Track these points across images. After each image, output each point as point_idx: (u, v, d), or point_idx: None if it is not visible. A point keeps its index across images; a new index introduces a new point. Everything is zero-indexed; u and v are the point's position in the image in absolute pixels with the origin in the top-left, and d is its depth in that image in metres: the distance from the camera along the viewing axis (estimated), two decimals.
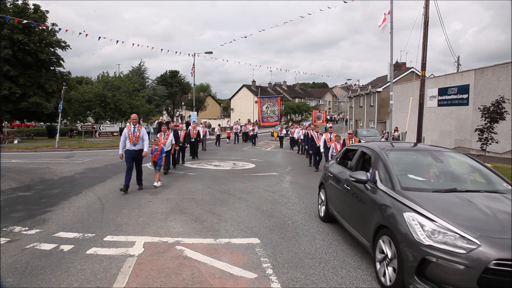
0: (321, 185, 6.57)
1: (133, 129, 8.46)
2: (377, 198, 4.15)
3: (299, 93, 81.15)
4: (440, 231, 3.28)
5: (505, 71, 17.28)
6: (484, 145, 14.54)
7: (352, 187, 4.87)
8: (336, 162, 6.31)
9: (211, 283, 3.82)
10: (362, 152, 5.34)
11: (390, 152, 4.81)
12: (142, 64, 48.35)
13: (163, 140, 10.83)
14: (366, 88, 40.52)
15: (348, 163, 5.76)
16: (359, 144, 6.19)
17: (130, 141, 8.40)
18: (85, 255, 4.51)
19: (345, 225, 5.09)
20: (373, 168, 4.67)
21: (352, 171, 5.13)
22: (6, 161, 14.14)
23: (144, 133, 8.58)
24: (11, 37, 26.01)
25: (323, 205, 6.29)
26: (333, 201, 5.75)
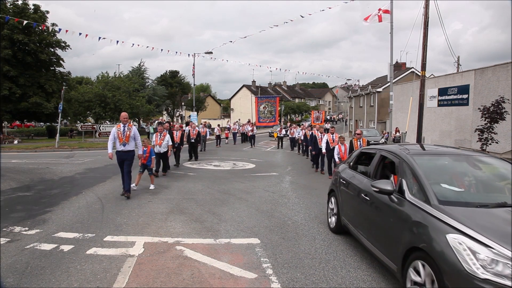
0: (332, 192, 5.92)
1: (122, 128, 7.77)
2: (407, 213, 3.50)
3: (299, 93, 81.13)
4: (500, 261, 2.58)
5: (505, 71, 17.27)
6: (484, 145, 14.54)
7: (373, 197, 4.22)
8: (349, 167, 5.62)
9: (211, 283, 3.82)
10: (382, 156, 4.67)
11: (417, 157, 4.09)
12: (142, 64, 48.42)
13: (158, 141, 10.58)
14: (366, 88, 40.52)
15: (364, 169, 5.16)
16: (377, 147, 5.32)
17: (119, 141, 7.70)
18: (85, 255, 4.51)
19: (363, 241, 4.42)
20: (398, 175, 4.04)
21: (371, 178, 4.53)
22: (6, 161, 14.14)
23: (135, 133, 7.89)
24: (11, 37, 26.03)
25: (334, 215, 5.63)
26: (347, 212, 5.11)
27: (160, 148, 10.58)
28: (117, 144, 7.72)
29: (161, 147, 10.59)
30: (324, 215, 6.70)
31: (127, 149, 7.76)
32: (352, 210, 4.96)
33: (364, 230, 4.46)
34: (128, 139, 7.74)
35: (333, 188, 5.87)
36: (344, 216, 5.19)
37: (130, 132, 7.77)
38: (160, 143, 10.59)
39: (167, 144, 10.72)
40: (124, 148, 7.73)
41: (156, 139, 10.73)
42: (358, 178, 4.97)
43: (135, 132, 7.89)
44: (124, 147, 7.74)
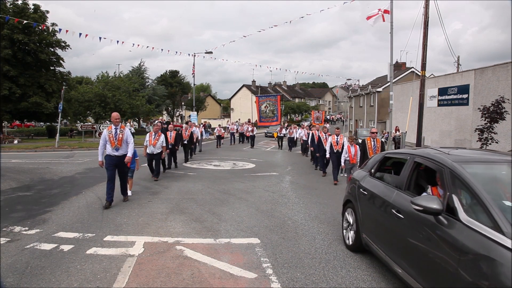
0: (348, 203, 5.23)
1: (114, 130, 7.00)
2: (464, 241, 2.68)
3: (299, 93, 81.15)
4: None
5: (505, 71, 17.28)
6: (484, 145, 14.53)
7: (409, 216, 3.42)
8: (370, 175, 4.86)
9: (211, 283, 3.82)
10: (415, 163, 3.89)
11: (467, 165, 3.22)
12: (142, 64, 48.45)
13: (153, 141, 10.01)
14: (366, 88, 40.54)
15: (391, 178, 4.45)
16: (407, 151, 4.38)
17: (111, 145, 6.95)
18: (85, 255, 4.52)
19: (394, 267, 3.60)
20: (444, 189, 3.21)
21: (403, 190, 3.79)
22: (6, 161, 14.13)
23: (128, 135, 7.17)
24: (11, 37, 26.02)
25: (351, 230, 4.90)
26: (369, 229, 4.36)
27: (154, 149, 9.96)
28: (108, 148, 6.97)
29: (155, 148, 9.99)
30: (324, 215, 6.71)
31: (120, 153, 7.02)
32: (377, 228, 4.15)
33: (395, 253, 3.64)
34: (120, 143, 7.00)
35: (350, 199, 5.11)
36: (366, 233, 4.41)
37: (123, 135, 7.05)
38: (155, 143, 9.98)
39: (161, 145, 10.08)
40: (116, 153, 6.98)
41: (150, 139, 10.07)
42: (385, 190, 4.17)
43: (128, 134, 7.19)
44: (116, 151, 6.98)
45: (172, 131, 12.26)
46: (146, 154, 10.01)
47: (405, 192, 3.77)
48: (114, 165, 7.02)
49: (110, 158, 7.00)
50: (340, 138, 10.49)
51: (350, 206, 5.12)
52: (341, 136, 10.61)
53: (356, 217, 4.76)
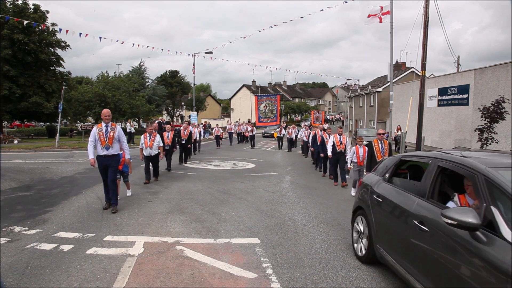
0: (359, 210, 4.81)
1: (105, 128, 6.54)
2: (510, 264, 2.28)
3: (299, 93, 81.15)
4: None
5: (505, 71, 17.27)
6: (484, 145, 14.53)
7: (436, 228, 3.01)
8: (384, 180, 4.44)
9: (211, 283, 3.82)
10: (440, 167, 3.45)
11: (505, 172, 2.82)
12: (142, 64, 48.45)
13: (148, 142, 9.53)
14: (366, 88, 40.54)
15: (410, 184, 4.01)
16: (429, 154, 3.98)
17: (101, 144, 6.49)
18: (85, 255, 4.52)
19: (416, 285, 3.20)
20: (480, 199, 2.82)
21: (426, 199, 3.37)
22: (6, 161, 14.14)
23: (120, 134, 6.73)
24: (11, 37, 26.02)
25: (363, 239, 4.50)
26: (385, 240, 3.95)
27: (151, 150, 9.51)
28: (98, 148, 6.54)
29: (152, 149, 9.52)
30: (324, 215, 6.71)
31: (111, 153, 6.60)
32: (395, 240, 3.74)
33: (418, 272, 3.21)
34: (111, 142, 6.55)
35: (362, 206, 4.72)
36: (381, 244, 4.00)
37: (114, 133, 6.59)
38: (151, 144, 9.50)
39: (158, 145, 9.66)
40: (107, 152, 6.55)
41: (145, 141, 9.55)
42: (404, 197, 3.76)
43: (119, 132, 6.75)
44: (107, 151, 6.54)
45: (170, 131, 11.81)
46: (143, 157, 9.59)
47: (428, 201, 3.35)
48: (105, 167, 6.61)
49: (101, 158, 6.55)
50: (343, 138, 10.03)
51: (361, 213, 4.69)
52: (344, 136, 10.11)
53: (369, 226, 4.34)
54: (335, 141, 10.09)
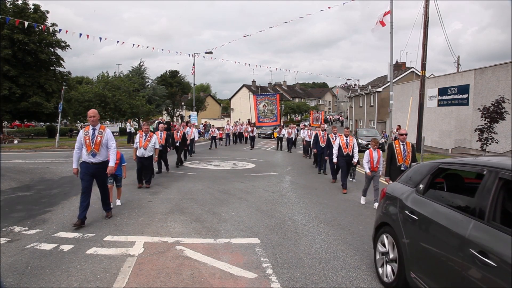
0: (383, 226, 4.07)
1: (91, 131, 5.76)
2: None
3: (299, 93, 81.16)
4: None
5: (505, 71, 17.28)
6: (484, 145, 14.55)
7: (506, 263, 2.31)
8: (417, 191, 3.72)
9: (211, 283, 3.82)
10: (502, 180, 2.69)
11: None
12: (142, 64, 48.42)
13: (143, 142, 8.83)
14: (366, 88, 40.56)
15: (456, 199, 3.26)
16: (480, 162, 3.20)
17: (87, 149, 5.71)
18: (85, 255, 4.52)
19: None
20: None
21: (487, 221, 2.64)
22: (6, 161, 14.13)
23: (109, 138, 5.91)
24: (11, 37, 26.02)
25: (391, 264, 3.80)
26: (424, 268, 3.20)
27: (144, 151, 8.83)
28: (84, 154, 5.76)
29: (146, 150, 8.85)
30: (324, 215, 6.71)
31: (98, 160, 5.78)
32: (441, 270, 2.95)
33: None
34: (98, 147, 5.75)
35: (388, 222, 3.97)
36: (418, 273, 3.26)
37: (101, 138, 5.79)
38: (146, 144, 8.81)
39: (153, 147, 8.99)
40: (93, 159, 5.74)
41: (140, 141, 8.88)
42: (452, 217, 3.01)
43: (108, 136, 5.91)
44: (93, 157, 5.73)
45: (163, 131, 11.29)
46: (136, 158, 8.92)
47: (490, 224, 2.61)
48: (90, 175, 5.75)
49: (86, 165, 5.77)
50: (350, 140, 9.29)
51: (387, 231, 3.96)
52: (351, 137, 9.37)
53: (399, 248, 3.62)
54: (341, 143, 9.30)
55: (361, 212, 7.04)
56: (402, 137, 7.22)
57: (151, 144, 8.94)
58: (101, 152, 5.82)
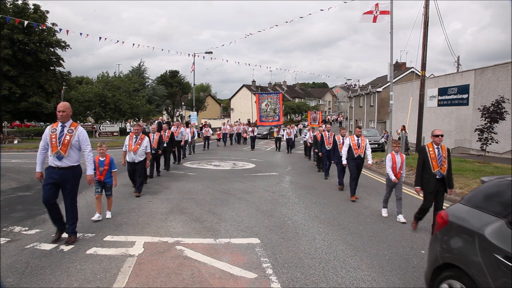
0: (448, 268, 2.97)
1: (60, 129, 4.79)
2: None
3: (299, 93, 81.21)
4: None
5: (505, 71, 17.28)
6: (484, 145, 14.53)
7: None
8: (510, 223, 2.61)
9: (211, 283, 3.82)
10: None
11: None
12: (142, 64, 48.47)
13: (133, 145, 7.80)
14: (366, 88, 40.58)
15: None
16: None
17: (52, 150, 4.76)
18: (85, 255, 4.52)
19: None
20: None
21: None
22: (6, 161, 14.13)
23: (82, 139, 4.91)
24: (11, 37, 26.02)
25: None
26: None
27: (135, 156, 7.85)
28: (50, 156, 4.84)
29: (136, 155, 7.85)
30: (324, 215, 6.70)
31: (66, 164, 4.78)
32: None
33: None
34: (66, 148, 4.73)
35: (458, 264, 2.86)
36: None
37: (71, 137, 4.77)
38: (136, 148, 7.79)
39: (144, 151, 7.97)
40: (59, 163, 4.74)
41: (130, 143, 7.84)
42: None
43: (81, 136, 4.90)
44: (59, 161, 4.74)
45: (155, 133, 10.26)
46: (125, 163, 8.05)
47: None
48: (54, 182, 4.78)
49: (50, 170, 4.80)
50: (362, 140, 8.29)
51: (457, 277, 2.84)
52: (363, 137, 8.39)
53: None
54: (351, 144, 8.26)
55: (361, 212, 7.04)
56: (437, 139, 5.96)
57: (142, 148, 7.89)
58: (69, 155, 4.78)
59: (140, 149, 7.87)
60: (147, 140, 8.06)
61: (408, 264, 4.46)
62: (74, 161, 4.90)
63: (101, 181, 6.10)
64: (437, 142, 5.96)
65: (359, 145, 8.23)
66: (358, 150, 8.20)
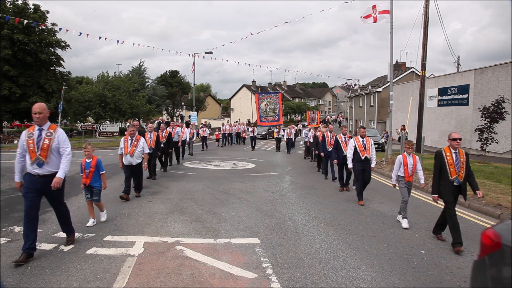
0: None
1: (37, 133, 4.37)
2: None
3: (299, 93, 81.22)
4: None
5: (505, 71, 17.29)
6: (484, 145, 14.54)
7: None
8: None
9: (211, 283, 3.82)
10: None
11: None
12: (142, 64, 48.46)
13: (129, 147, 7.46)
14: (366, 88, 40.58)
15: None
16: None
17: (31, 157, 4.32)
18: (85, 255, 4.52)
19: None
20: None
21: None
22: (6, 161, 14.13)
23: (61, 141, 4.49)
24: (11, 37, 26.02)
25: None
26: None
27: (132, 159, 7.51)
28: (28, 162, 4.39)
29: (133, 157, 7.50)
30: (324, 215, 6.70)
31: (47, 171, 4.38)
32: None
33: None
34: (46, 154, 4.34)
35: None
36: None
37: (50, 141, 4.37)
38: (132, 150, 7.45)
39: (141, 152, 7.66)
40: (39, 170, 4.34)
41: (125, 146, 7.49)
42: None
43: (61, 139, 4.49)
44: (39, 168, 4.33)
45: (152, 132, 10.07)
46: (123, 167, 7.68)
47: None
48: (36, 191, 4.35)
49: (30, 178, 4.37)
50: (367, 141, 7.90)
51: None
52: (368, 139, 8.00)
53: None
54: (357, 146, 7.85)
55: (361, 212, 7.04)
56: (455, 143, 5.42)
57: (138, 150, 7.56)
58: (50, 161, 4.37)
59: (136, 151, 7.53)
60: (143, 141, 7.75)
61: (408, 264, 4.46)
62: (57, 167, 4.45)
63: (87, 185, 5.73)
64: (454, 146, 5.45)
65: (365, 146, 7.81)
66: (365, 152, 7.77)
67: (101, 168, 5.82)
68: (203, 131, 22.36)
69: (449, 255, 4.84)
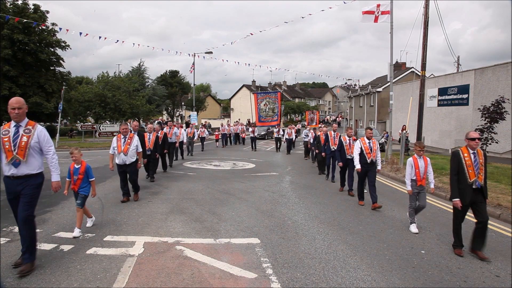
0: None
1: (14, 129, 4.02)
2: None
3: (299, 93, 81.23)
4: None
5: (505, 71, 17.29)
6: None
7: None
8: None
9: (211, 283, 3.82)
10: None
11: None
12: (142, 64, 48.46)
13: (122, 146, 7.21)
14: (366, 88, 40.60)
15: None
16: None
17: (7, 156, 3.96)
18: (85, 255, 4.52)
19: None
20: None
21: None
22: None
23: (43, 139, 4.16)
24: (11, 37, 26.02)
25: None
26: None
27: (126, 158, 7.26)
28: (3, 163, 4.02)
29: (127, 156, 7.26)
30: (324, 215, 6.71)
31: (22, 173, 4.02)
32: None
33: None
34: (24, 153, 3.98)
35: None
36: None
37: (29, 138, 4.02)
38: (126, 149, 7.22)
39: (135, 151, 7.39)
40: (15, 171, 3.99)
41: (118, 144, 7.27)
42: None
43: (41, 136, 4.15)
44: (15, 168, 3.99)
45: (152, 132, 9.90)
46: (113, 167, 7.43)
47: None
48: (13, 194, 4.07)
49: (7, 182, 4.05)
50: (373, 143, 7.58)
51: None
52: (374, 140, 7.67)
53: None
54: (363, 147, 7.52)
55: (361, 212, 7.04)
56: (473, 143, 5.01)
57: (132, 148, 7.29)
58: (29, 161, 4.01)
59: (130, 149, 7.25)
60: (137, 139, 7.46)
61: (408, 264, 4.47)
62: (35, 168, 4.10)
63: (75, 192, 5.47)
64: (473, 146, 5.02)
65: (371, 148, 7.50)
66: (371, 155, 7.48)
67: (91, 175, 5.55)
68: (202, 131, 22.11)
69: (449, 255, 4.84)
